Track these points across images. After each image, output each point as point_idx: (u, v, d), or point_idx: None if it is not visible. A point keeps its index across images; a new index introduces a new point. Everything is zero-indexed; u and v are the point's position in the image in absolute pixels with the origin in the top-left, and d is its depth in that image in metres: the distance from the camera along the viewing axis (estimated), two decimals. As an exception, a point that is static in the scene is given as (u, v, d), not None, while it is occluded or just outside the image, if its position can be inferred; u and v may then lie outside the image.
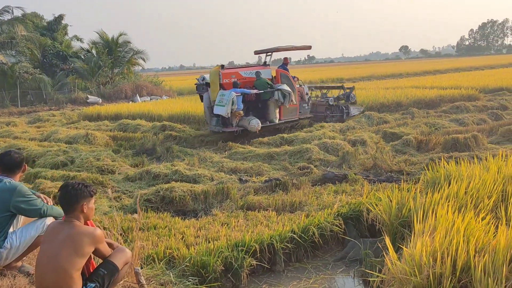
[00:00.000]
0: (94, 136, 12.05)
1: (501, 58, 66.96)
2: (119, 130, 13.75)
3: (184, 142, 11.50)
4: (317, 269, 4.61)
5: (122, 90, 28.95)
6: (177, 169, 7.87)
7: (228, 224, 5.18)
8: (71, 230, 2.48)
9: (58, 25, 34.82)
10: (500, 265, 2.85)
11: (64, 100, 27.52)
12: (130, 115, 16.20)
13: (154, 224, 5.20)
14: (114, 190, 7.24)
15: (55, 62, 30.92)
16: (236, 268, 4.14)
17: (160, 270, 3.86)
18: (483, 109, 14.28)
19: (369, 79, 36.16)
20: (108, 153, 9.64)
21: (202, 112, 14.74)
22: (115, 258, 2.65)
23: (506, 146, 8.84)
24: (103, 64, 30.46)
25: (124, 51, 32.00)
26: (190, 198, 6.34)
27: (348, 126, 12.26)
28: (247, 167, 8.33)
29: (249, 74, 12.21)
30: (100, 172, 8.37)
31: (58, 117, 19.12)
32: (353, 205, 5.37)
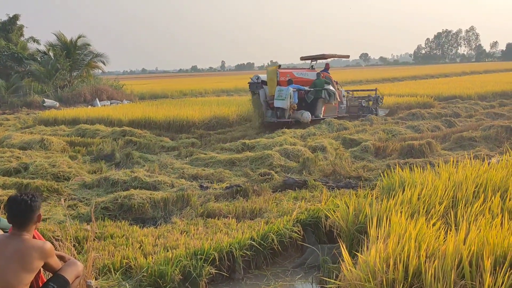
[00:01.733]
0: (50, 141, 11.65)
1: (455, 67, 69.82)
2: (76, 135, 13.37)
3: (144, 148, 11.31)
4: (276, 276, 4.63)
5: (81, 93, 28.15)
6: (137, 175, 7.73)
7: (187, 232, 5.14)
8: (19, 245, 2.38)
9: (12, 26, 33.54)
10: (449, 270, 2.96)
11: (19, 104, 26.47)
12: (88, 120, 15.79)
13: (111, 233, 5.08)
14: (70, 198, 7.04)
15: (9, 64, 29.74)
16: (195, 277, 4.10)
17: (116, 281, 3.78)
18: (437, 116, 14.84)
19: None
20: (65, 159, 9.34)
21: (163, 117, 14.63)
22: (65, 271, 2.57)
23: (458, 153, 9.21)
24: (61, 67, 29.57)
25: (83, 53, 31.19)
26: (149, 206, 6.24)
27: (309, 133, 12.44)
28: (208, 174, 8.29)
29: (300, 75, 14.64)
30: (55, 179, 8.10)
31: (12, 121, 18.40)
32: (312, 211, 5.44)
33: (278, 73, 13.78)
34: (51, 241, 3.06)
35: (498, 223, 3.47)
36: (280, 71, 13.95)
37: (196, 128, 13.97)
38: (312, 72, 15.15)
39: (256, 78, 14.66)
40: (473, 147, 9.69)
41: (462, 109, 16.69)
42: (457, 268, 3.02)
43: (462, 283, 2.93)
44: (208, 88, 34.79)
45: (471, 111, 16.29)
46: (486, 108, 16.98)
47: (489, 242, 3.16)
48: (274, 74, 13.76)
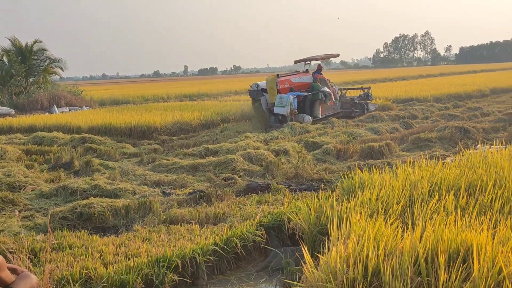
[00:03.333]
0: (5, 150, 11.19)
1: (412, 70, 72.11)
2: (33, 143, 12.90)
3: (105, 155, 11.06)
4: (240, 280, 4.63)
5: (38, 100, 27.23)
6: (97, 183, 7.55)
7: (149, 239, 5.06)
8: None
9: (-37, 30, 32.08)
10: (406, 268, 3.04)
11: (-29, 112, 25.34)
12: (46, 127, 15.28)
13: (69, 243, 4.93)
14: (26, 209, 6.79)
15: (-40, 70, 28.43)
16: (157, 285, 4.05)
17: (74, 292, 3.67)
18: (395, 118, 15.28)
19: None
20: (20, 169, 9.01)
21: (124, 123, 14.39)
22: (18, 285, 2.45)
23: (415, 153, 9.52)
24: (16, 73, 28.53)
25: (40, 59, 30.20)
26: (110, 214, 6.10)
27: (272, 136, 12.53)
28: (171, 180, 8.20)
29: (298, 80, 15.68)
30: (10, 189, 7.79)
31: (-36, 130, 17.56)
32: (275, 214, 5.48)
33: (278, 81, 14.81)
34: (3, 254, 2.93)
35: (452, 220, 3.60)
36: (279, 79, 15.00)
37: (158, 133, 13.81)
38: (307, 75, 16.34)
39: (255, 86, 15.63)
40: (430, 148, 10.04)
41: (419, 111, 17.25)
42: (414, 265, 3.12)
43: (419, 280, 3.02)
44: (171, 93, 34.42)
45: (427, 113, 16.87)
46: (441, 110, 17.63)
47: (443, 239, 3.28)
48: (274, 83, 14.77)
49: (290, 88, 14.99)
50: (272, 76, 15.36)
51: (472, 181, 4.85)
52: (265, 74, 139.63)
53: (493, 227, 3.64)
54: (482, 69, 66.83)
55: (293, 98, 14.44)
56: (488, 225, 3.57)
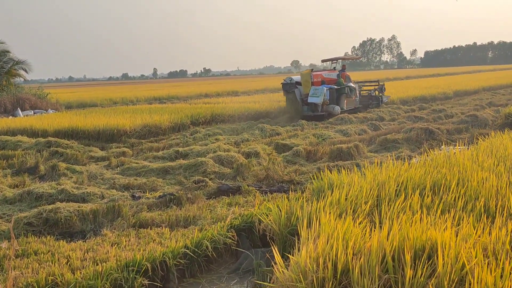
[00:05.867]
0: (-35, 155, 10.80)
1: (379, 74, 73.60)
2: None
3: (72, 159, 10.79)
4: (211, 283, 4.62)
5: (1, 103, 26.35)
6: (64, 188, 7.37)
7: (118, 243, 4.98)
8: None
9: None
10: (373, 266, 3.11)
11: None
12: (9, 131, 14.80)
13: (34, 249, 4.81)
14: (-12, 215, 6.55)
15: None
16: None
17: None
18: (364, 120, 15.56)
19: (263, 92, 37.39)
20: (-18, 174, 8.71)
21: (92, 127, 14.11)
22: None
23: (383, 154, 9.73)
24: (-23, 75, 27.54)
25: (3, 61, 29.28)
26: (77, 219, 5.97)
27: (242, 139, 12.55)
28: (141, 183, 8.10)
29: (327, 75, 18.02)
30: (-29, 195, 7.51)
31: None
32: (246, 216, 5.49)
33: (312, 75, 17.19)
34: (-36, 262, 2.83)
35: (417, 219, 3.70)
36: (313, 73, 17.44)
37: (127, 137, 13.60)
38: (335, 72, 18.65)
39: (289, 79, 17.55)
40: (396, 149, 10.28)
41: (386, 113, 17.63)
42: (381, 263, 3.19)
43: (386, 277, 3.09)
44: (140, 96, 33.99)
45: (394, 115, 17.27)
46: (408, 112, 18.06)
47: (409, 237, 3.37)
48: (309, 76, 17.10)
49: (322, 82, 17.04)
50: (307, 70, 17.73)
51: (436, 180, 4.99)
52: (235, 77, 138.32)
53: (456, 225, 3.76)
54: (446, 72, 69.01)
55: (326, 89, 16.48)
56: (452, 222, 3.68)
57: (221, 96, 33.67)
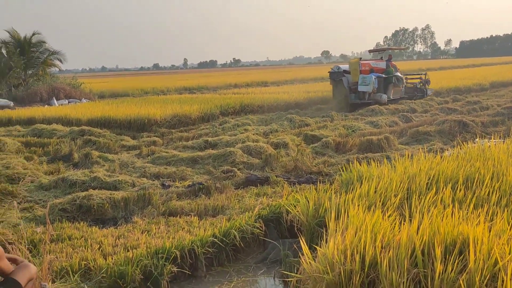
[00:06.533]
0: (4, 142, 11.20)
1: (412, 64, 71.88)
2: (32, 135, 12.92)
3: (104, 147, 11.05)
4: (239, 272, 4.66)
5: (37, 92, 27.19)
6: (96, 175, 7.57)
7: (148, 231, 5.09)
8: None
9: (-38, 22, 31.98)
10: (402, 259, 3.07)
11: (-30, 104, 25.29)
12: (45, 120, 15.28)
13: (68, 234, 4.97)
14: (25, 200, 6.80)
15: (-42, 62, 28.33)
16: (156, 276, 4.07)
17: (74, 283, 3.71)
18: (395, 112, 15.27)
19: (292, 82, 37.19)
20: (19, 161, 9.03)
21: (124, 116, 14.37)
22: (17, 274, 2.47)
23: (414, 147, 9.53)
24: (15, 65, 28.45)
25: (39, 51, 30.10)
26: (109, 206, 6.13)
27: (271, 129, 12.54)
28: (171, 172, 8.22)
29: (375, 64, 18.35)
30: (9, 181, 7.80)
31: (-37, 122, 17.54)
32: (274, 207, 5.50)
33: (360, 64, 17.52)
34: (3, 245, 2.95)
35: (449, 213, 3.62)
36: (362, 62, 17.79)
37: (157, 126, 13.80)
38: (382, 62, 18.94)
39: (337, 68, 17.99)
40: (428, 141, 10.05)
41: (418, 104, 17.24)
42: (411, 257, 3.14)
43: (415, 271, 3.05)
44: (170, 86, 34.37)
45: (427, 107, 16.87)
46: (441, 104, 17.61)
47: (440, 232, 3.30)
48: (357, 65, 17.47)
49: (370, 70, 17.34)
50: (355, 59, 18.37)
51: (469, 174, 4.86)
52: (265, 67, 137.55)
53: (489, 220, 3.66)
54: (482, 63, 66.70)
55: (375, 78, 16.81)
56: (485, 217, 3.58)
57: (250, 86, 33.69)
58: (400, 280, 2.98)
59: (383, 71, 17.99)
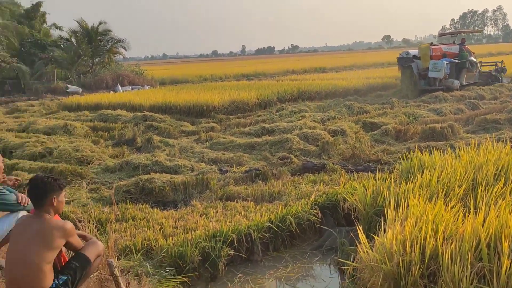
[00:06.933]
0: (74, 126, 11.90)
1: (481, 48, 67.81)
2: (99, 120, 13.60)
3: (165, 132, 11.43)
4: (294, 258, 4.68)
5: (103, 79, 28.55)
6: (158, 159, 7.85)
7: (206, 214, 5.22)
8: (41, 224, 2.48)
9: (36, 13, 34.07)
10: (466, 252, 2.94)
11: (43, 90, 27.00)
12: (110, 105, 16.01)
13: (132, 215, 5.21)
14: (93, 182, 7.20)
15: (33, 51, 30.25)
16: (214, 258, 4.18)
17: (137, 261, 3.89)
18: (460, 99, 14.52)
19: (351, 68, 36.36)
20: (87, 144, 9.56)
21: (183, 102, 14.72)
22: (87, 250, 2.66)
23: (481, 135, 9.04)
24: (83, 53, 29.98)
25: (105, 39, 31.50)
26: (169, 189, 6.35)
27: (329, 116, 12.36)
28: (228, 158, 8.35)
29: (447, 49, 17.49)
30: (79, 163, 8.29)
31: (37, 108, 18.78)
32: (330, 194, 5.45)
33: (431, 49, 16.88)
34: (74, 223, 3.16)
35: (518, 206, 3.42)
36: (432, 47, 17.13)
37: (216, 112, 14.04)
38: (454, 46, 18.02)
39: (406, 53, 17.45)
40: (497, 130, 9.48)
41: (487, 91, 16.26)
42: (475, 250, 3.01)
43: (479, 265, 2.92)
44: (228, 73, 34.76)
45: (496, 93, 15.86)
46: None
47: (508, 225, 3.13)
48: (427, 50, 16.83)
49: (443, 55, 16.71)
50: (426, 44, 17.63)
51: (543, 165, 4.55)
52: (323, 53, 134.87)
53: None
54: (561, 46, 61.51)
55: (446, 64, 16.15)
56: (559, 212, 3.35)
57: (308, 72, 33.33)
58: (462, 273, 2.87)
59: (455, 56, 17.22)
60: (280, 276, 4.31)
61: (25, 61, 29.45)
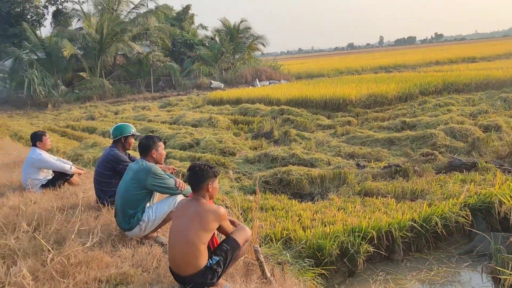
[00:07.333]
0: (217, 119, 12.75)
1: None
2: (239, 114, 14.35)
3: (301, 126, 11.58)
4: (439, 261, 4.36)
5: (243, 75, 30.05)
6: (294, 152, 7.99)
7: (344, 209, 5.15)
8: (198, 207, 2.69)
9: (185, 15, 37.30)
10: None
11: (190, 86, 29.49)
12: (249, 100, 16.77)
13: (271, 205, 5.38)
14: (234, 171, 7.62)
15: (183, 50, 33.20)
16: (353, 253, 4.11)
17: (277, 249, 4.00)
18: None
19: (507, 57, 32.48)
20: (229, 136, 10.15)
21: (319, 96, 14.70)
22: (236, 235, 2.81)
23: None
24: (225, 50, 31.91)
25: (245, 37, 33.13)
26: (306, 182, 6.42)
27: (480, 110, 11.23)
28: (365, 152, 8.13)
29: None
30: (222, 154, 8.86)
31: (185, 102, 20.57)
32: (483, 196, 4.95)
33: None
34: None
35: None
36: None
37: (352, 106, 13.75)
38: None
39: None
40: None
41: None
42: None
43: None
44: (365, 65, 33.77)
45: None
46: None
47: None
48: None
49: None
50: None
51: None
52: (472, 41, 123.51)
53: None
54: None
55: None
56: None
57: (454, 63, 30.70)
58: None
59: None
60: (424, 279, 4.05)
61: (176, 59, 32.47)
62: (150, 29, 29.86)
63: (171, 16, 37.62)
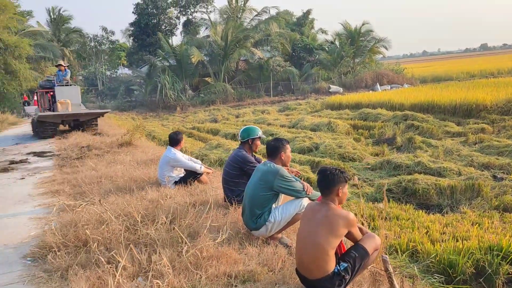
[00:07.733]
0: (336, 124, 12.60)
1: None
2: (359, 118, 14.01)
3: (427, 132, 10.90)
4: None
5: (362, 79, 29.37)
6: (420, 160, 7.55)
7: (479, 224, 4.71)
8: (327, 212, 2.67)
9: (305, 20, 37.62)
10: None
11: (309, 90, 29.65)
12: (370, 104, 16.29)
13: (396, 214, 5.14)
14: (355, 178, 7.45)
15: (302, 55, 33.51)
16: (490, 273, 3.73)
17: (403, 261, 3.80)
18: None
19: None
20: (349, 141, 9.95)
21: (448, 101, 13.73)
22: (365, 243, 2.73)
23: None
24: (345, 54, 31.46)
25: (366, 40, 32.32)
26: (434, 192, 6.01)
27: None
28: (504, 163, 7.37)
29: None
30: (341, 159, 8.72)
31: (304, 106, 20.71)
32: None
33: None
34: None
35: None
36: None
37: (487, 112, 12.57)
38: None
39: None
40: None
41: None
42: None
43: None
44: (502, 68, 30.69)
45: None
46: None
47: None
48: None
49: None
50: None
51: None
52: None
53: None
54: None
55: None
56: None
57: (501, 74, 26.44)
58: None
59: None
60: None
61: (295, 64, 32.89)
62: (271, 35, 30.74)
63: (291, 21, 38.27)
